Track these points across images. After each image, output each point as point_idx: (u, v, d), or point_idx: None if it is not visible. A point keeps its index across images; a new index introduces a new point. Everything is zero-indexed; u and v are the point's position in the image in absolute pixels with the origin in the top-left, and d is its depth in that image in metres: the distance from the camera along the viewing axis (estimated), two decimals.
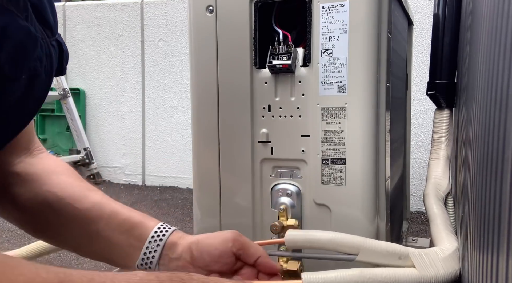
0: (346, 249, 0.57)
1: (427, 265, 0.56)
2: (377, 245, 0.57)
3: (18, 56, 0.38)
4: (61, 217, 0.55)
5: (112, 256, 0.56)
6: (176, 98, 2.68)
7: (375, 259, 0.56)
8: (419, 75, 2.01)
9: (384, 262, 0.56)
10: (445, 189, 0.88)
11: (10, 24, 0.36)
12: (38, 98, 0.46)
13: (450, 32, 0.96)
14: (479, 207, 0.43)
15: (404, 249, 0.57)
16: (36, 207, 0.56)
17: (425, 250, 0.58)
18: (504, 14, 0.34)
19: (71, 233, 0.56)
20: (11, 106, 0.41)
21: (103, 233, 0.55)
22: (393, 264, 0.56)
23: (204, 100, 0.76)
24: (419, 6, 2.09)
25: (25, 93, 0.41)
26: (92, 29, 2.88)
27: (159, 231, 0.55)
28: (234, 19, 0.72)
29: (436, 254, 0.58)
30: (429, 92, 0.99)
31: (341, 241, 0.57)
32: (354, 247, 0.56)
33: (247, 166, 0.74)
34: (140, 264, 0.55)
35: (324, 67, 0.68)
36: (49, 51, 0.45)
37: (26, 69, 0.40)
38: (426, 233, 1.79)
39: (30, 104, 0.45)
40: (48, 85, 0.47)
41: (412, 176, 1.55)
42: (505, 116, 0.32)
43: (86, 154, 2.76)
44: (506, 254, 0.30)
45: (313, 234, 0.59)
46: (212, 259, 0.54)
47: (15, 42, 0.37)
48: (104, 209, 0.56)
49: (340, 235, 0.58)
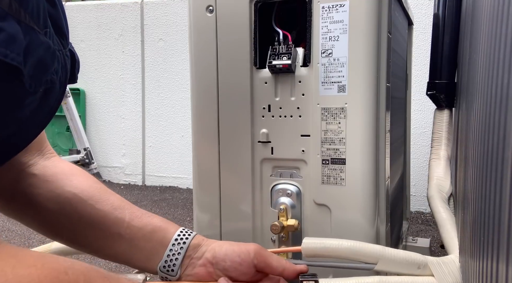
0: (365, 258, 0.57)
1: (445, 274, 0.56)
2: (396, 254, 0.56)
3: (39, 71, 0.39)
4: (83, 218, 0.56)
5: (133, 258, 0.57)
6: (176, 98, 2.68)
7: (394, 269, 0.56)
8: (419, 75, 2.01)
9: (403, 271, 0.56)
10: (447, 190, 0.88)
11: (33, 42, 0.37)
12: (51, 109, 0.47)
13: (450, 32, 0.96)
14: (479, 207, 0.43)
15: (423, 258, 0.57)
16: (57, 207, 0.56)
17: (442, 259, 0.58)
18: (504, 14, 0.34)
19: (92, 234, 0.57)
20: (26, 118, 0.41)
21: (126, 236, 0.56)
22: (412, 273, 0.56)
23: (204, 100, 0.76)
24: (419, 6, 2.09)
25: (40, 105, 0.42)
26: (92, 29, 2.88)
27: (182, 234, 0.57)
28: (234, 19, 0.72)
29: (454, 262, 0.58)
30: (429, 92, 0.99)
31: (360, 250, 0.57)
32: (373, 256, 0.56)
33: (247, 166, 0.74)
34: (163, 266, 0.56)
35: (324, 67, 0.68)
36: (65, 62, 0.45)
37: (44, 82, 0.41)
38: (426, 233, 1.79)
39: (43, 115, 0.46)
40: (61, 95, 0.47)
41: (412, 176, 1.55)
42: (505, 116, 0.32)
43: (86, 154, 2.76)
44: (506, 254, 0.30)
45: (330, 242, 0.59)
46: (232, 264, 0.55)
47: (37, 58, 0.38)
48: (125, 212, 0.57)
49: (358, 244, 0.57)
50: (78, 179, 0.58)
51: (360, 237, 0.68)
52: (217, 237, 0.77)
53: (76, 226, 0.57)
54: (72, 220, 0.56)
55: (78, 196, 0.56)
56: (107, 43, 2.85)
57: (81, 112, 2.86)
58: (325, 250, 0.58)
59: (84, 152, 2.76)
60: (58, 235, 0.59)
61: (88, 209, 0.56)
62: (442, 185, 0.88)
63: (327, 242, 0.59)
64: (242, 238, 0.75)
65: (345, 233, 0.69)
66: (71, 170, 0.60)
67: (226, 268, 0.55)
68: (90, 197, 0.57)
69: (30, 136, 0.48)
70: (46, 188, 0.56)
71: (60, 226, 0.57)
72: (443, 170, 0.91)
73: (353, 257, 0.57)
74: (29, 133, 0.47)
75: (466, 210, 0.59)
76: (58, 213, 0.56)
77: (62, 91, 0.47)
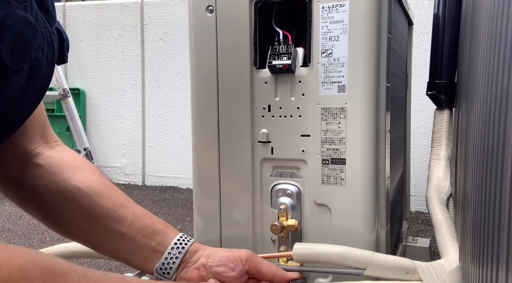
0: (355, 263, 0.57)
1: (434, 279, 0.56)
2: (385, 259, 0.57)
3: (19, 47, 0.38)
4: (86, 212, 0.56)
5: (132, 257, 0.58)
6: (176, 98, 2.68)
7: (383, 274, 0.56)
8: (419, 75, 2.01)
9: (392, 277, 0.56)
10: (446, 191, 0.87)
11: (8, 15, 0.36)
12: (41, 87, 0.47)
13: (450, 32, 0.96)
14: (479, 207, 0.43)
15: (411, 263, 0.57)
16: (61, 200, 0.56)
17: (432, 263, 0.58)
18: (504, 14, 0.34)
19: (94, 229, 0.57)
20: (15, 96, 0.41)
21: (127, 234, 0.57)
22: (401, 278, 0.56)
23: (204, 100, 0.76)
24: (419, 6, 2.09)
25: (28, 83, 0.42)
26: (92, 29, 2.88)
27: (181, 239, 0.59)
28: (234, 19, 0.72)
29: (443, 267, 0.58)
30: (429, 92, 0.99)
31: (349, 255, 0.57)
32: (362, 261, 0.57)
33: (247, 166, 0.74)
34: (160, 268, 0.57)
35: (324, 67, 0.68)
36: (51, 40, 0.45)
37: (28, 59, 0.40)
38: (426, 233, 1.79)
39: (33, 93, 0.46)
40: (50, 73, 0.47)
41: (412, 176, 1.55)
42: (505, 116, 0.32)
43: (86, 154, 2.76)
44: (506, 253, 0.30)
45: (320, 248, 0.59)
46: (224, 269, 0.57)
47: (14, 33, 0.37)
48: (128, 210, 0.58)
49: (348, 249, 0.58)
50: (83, 173, 0.58)
51: (360, 238, 0.68)
52: (217, 236, 0.77)
53: (78, 220, 0.57)
54: (74, 214, 0.57)
55: (83, 190, 0.56)
56: (107, 43, 2.85)
57: (81, 112, 2.86)
58: (315, 256, 0.59)
59: (84, 152, 2.76)
60: (60, 227, 0.60)
61: (92, 205, 0.56)
62: (441, 185, 0.88)
63: (317, 248, 0.60)
64: (241, 238, 0.75)
65: (345, 233, 0.69)
66: (76, 162, 0.60)
67: (218, 273, 0.57)
68: (94, 192, 0.57)
69: (24, 114, 0.48)
70: (51, 180, 0.57)
71: (62, 218, 0.58)
72: (443, 170, 0.91)
73: (343, 262, 0.58)
74: (22, 112, 0.47)
75: (466, 210, 0.59)
76: (61, 206, 0.57)
77: (50, 70, 0.47)
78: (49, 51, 0.45)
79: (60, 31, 0.48)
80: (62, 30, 0.49)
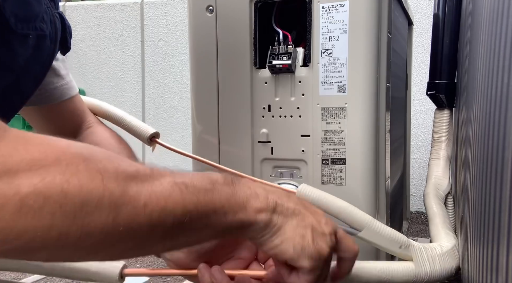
0: (352, 222, 0.56)
1: (424, 260, 0.56)
2: (382, 228, 0.56)
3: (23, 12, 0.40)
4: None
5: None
6: (176, 98, 2.68)
7: (377, 241, 0.56)
8: (419, 75, 2.01)
9: (385, 246, 0.56)
10: (445, 189, 0.88)
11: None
12: (44, 63, 0.48)
13: (450, 32, 0.96)
14: (479, 207, 0.43)
15: (406, 240, 0.57)
16: None
17: (425, 245, 0.59)
18: (504, 14, 0.34)
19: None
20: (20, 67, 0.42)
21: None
22: (393, 250, 0.56)
23: (204, 101, 0.76)
24: (419, 6, 2.09)
25: (33, 54, 0.43)
26: (92, 29, 2.88)
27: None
28: (234, 19, 0.72)
29: (435, 249, 0.58)
30: (429, 92, 0.99)
31: (350, 213, 0.56)
32: (360, 222, 0.56)
33: (247, 166, 0.74)
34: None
35: (324, 67, 0.68)
36: (53, 18, 0.47)
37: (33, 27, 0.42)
38: (426, 233, 1.79)
39: (37, 68, 0.47)
40: (54, 52, 0.49)
41: (412, 176, 1.55)
42: (505, 116, 0.32)
43: None
44: (506, 253, 0.30)
45: (325, 196, 0.58)
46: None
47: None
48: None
49: (351, 207, 0.57)
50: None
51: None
52: None
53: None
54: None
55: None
56: (107, 43, 2.85)
57: None
58: (318, 202, 0.57)
59: None
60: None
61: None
62: (439, 183, 0.88)
63: (322, 195, 0.58)
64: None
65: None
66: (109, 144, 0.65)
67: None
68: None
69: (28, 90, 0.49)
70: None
71: None
72: (442, 169, 0.91)
73: (341, 217, 0.57)
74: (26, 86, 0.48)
75: (466, 210, 0.59)
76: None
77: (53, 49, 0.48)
78: (52, 30, 0.46)
79: (62, 17, 0.50)
80: (64, 17, 0.51)
